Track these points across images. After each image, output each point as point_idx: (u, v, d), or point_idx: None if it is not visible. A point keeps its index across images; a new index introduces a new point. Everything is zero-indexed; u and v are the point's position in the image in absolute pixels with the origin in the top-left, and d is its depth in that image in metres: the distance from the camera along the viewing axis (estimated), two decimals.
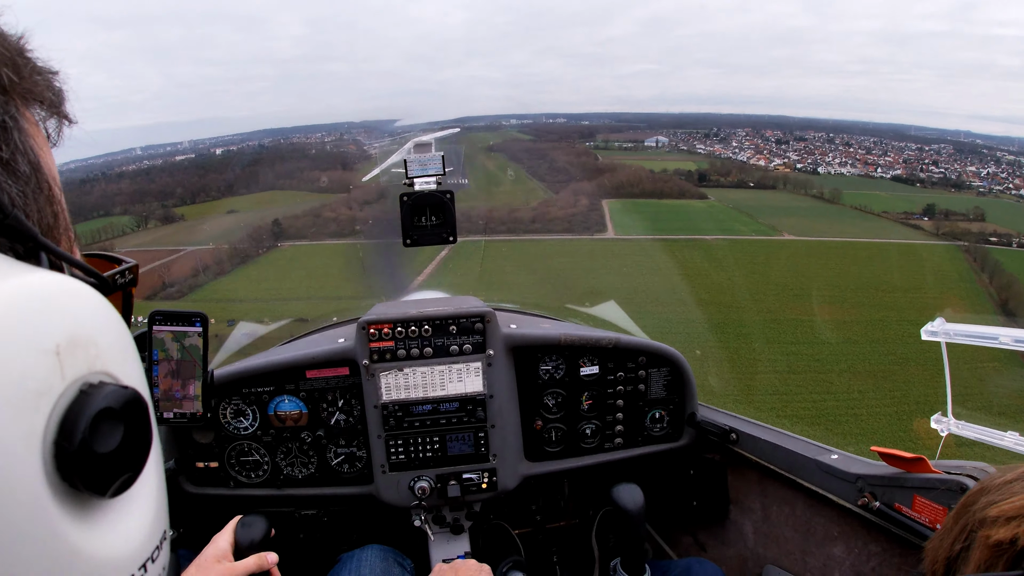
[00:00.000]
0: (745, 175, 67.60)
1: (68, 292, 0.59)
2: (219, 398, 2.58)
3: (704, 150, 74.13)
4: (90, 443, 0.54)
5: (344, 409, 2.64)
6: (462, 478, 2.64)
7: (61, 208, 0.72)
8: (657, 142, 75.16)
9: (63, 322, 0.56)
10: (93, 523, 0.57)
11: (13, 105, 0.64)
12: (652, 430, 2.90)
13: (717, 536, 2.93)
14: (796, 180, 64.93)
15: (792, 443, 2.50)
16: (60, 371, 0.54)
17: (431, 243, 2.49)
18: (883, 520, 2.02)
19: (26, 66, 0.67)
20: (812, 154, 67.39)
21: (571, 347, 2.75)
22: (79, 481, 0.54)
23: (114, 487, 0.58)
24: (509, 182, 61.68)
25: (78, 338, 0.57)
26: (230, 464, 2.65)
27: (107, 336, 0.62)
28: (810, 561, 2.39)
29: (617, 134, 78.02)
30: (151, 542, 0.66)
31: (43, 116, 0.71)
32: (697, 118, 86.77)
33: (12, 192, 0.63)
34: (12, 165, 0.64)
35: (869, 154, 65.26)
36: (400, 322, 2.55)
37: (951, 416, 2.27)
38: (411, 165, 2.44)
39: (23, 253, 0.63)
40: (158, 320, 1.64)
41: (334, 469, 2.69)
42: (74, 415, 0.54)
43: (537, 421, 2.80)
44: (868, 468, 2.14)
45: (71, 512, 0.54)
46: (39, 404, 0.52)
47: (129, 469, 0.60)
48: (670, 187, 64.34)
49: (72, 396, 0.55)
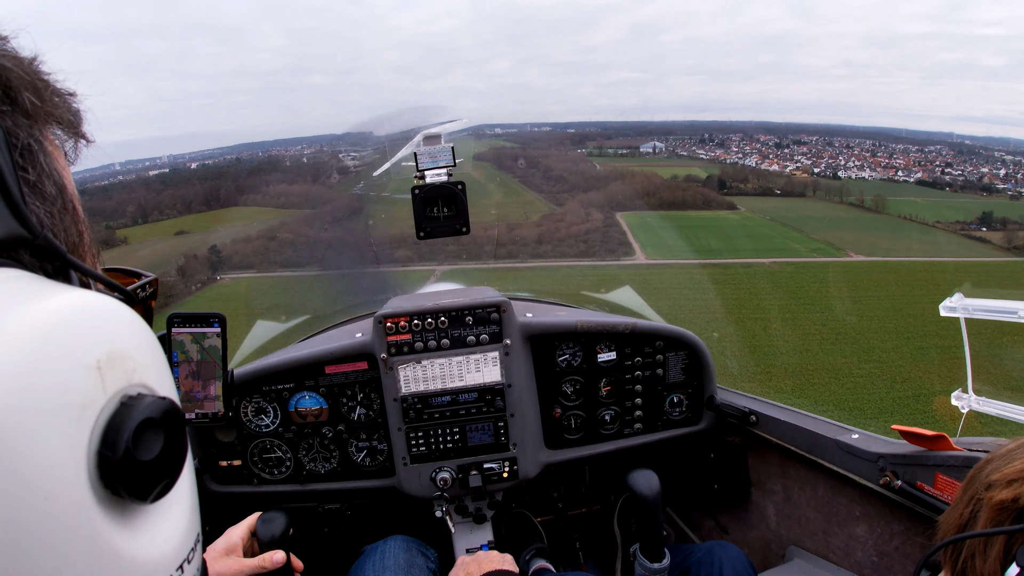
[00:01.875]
0: (765, 181, 63.70)
1: (105, 309, 0.61)
2: (240, 397, 2.61)
3: (706, 155, 71.00)
4: (133, 452, 0.56)
5: (364, 403, 2.67)
6: (483, 468, 2.66)
7: (85, 227, 0.75)
8: (654, 148, 72.62)
9: (102, 338, 0.59)
10: (134, 527, 0.59)
11: (37, 128, 0.67)
12: (671, 414, 2.90)
13: (739, 519, 2.94)
14: (827, 187, 60.55)
15: (812, 424, 2.49)
16: (102, 385, 0.57)
17: (444, 235, 2.49)
18: (905, 499, 2.01)
19: (46, 89, 0.69)
20: (820, 157, 64.91)
21: (588, 334, 2.76)
22: (122, 488, 0.56)
23: (155, 493, 0.61)
24: (501, 194, 55.29)
25: (116, 353, 0.59)
26: (253, 462, 2.68)
27: (142, 350, 0.65)
28: (833, 541, 2.39)
29: (609, 140, 75.08)
30: (187, 544, 0.68)
31: (62, 138, 0.73)
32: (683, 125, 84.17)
33: (40, 213, 0.66)
34: (39, 187, 0.67)
35: (874, 156, 63.04)
36: (416, 315, 2.56)
37: (971, 393, 2.26)
38: (421, 158, 2.44)
39: (52, 271, 0.66)
40: (176, 323, 1.66)
41: (356, 463, 2.72)
42: (116, 426, 0.56)
43: (556, 409, 2.81)
44: (889, 447, 2.13)
45: (113, 517, 0.56)
46: (83, 417, 0.54)
47: (168, 475, 0.63)
48: (692, 196, 58.62)
49: (113, 408, 0.57)
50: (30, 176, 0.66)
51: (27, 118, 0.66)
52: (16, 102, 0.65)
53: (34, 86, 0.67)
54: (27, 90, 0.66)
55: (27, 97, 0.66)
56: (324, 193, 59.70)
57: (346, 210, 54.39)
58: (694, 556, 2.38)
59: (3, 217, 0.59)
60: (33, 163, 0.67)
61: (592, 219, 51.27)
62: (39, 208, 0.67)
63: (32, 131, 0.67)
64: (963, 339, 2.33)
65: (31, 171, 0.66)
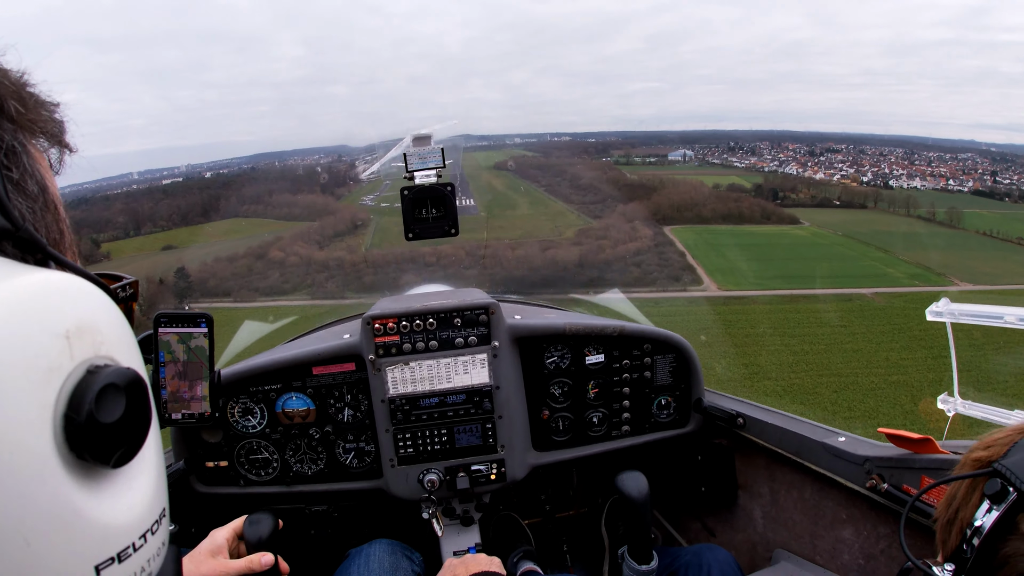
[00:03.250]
0: (818, 191, 58.90)
1: (77, 287, 0.66)
2: (227, 397, 2.59)
3: (741, 163, 67.22)
4: (95, 414, 0.60)
5: (351, 404, 2.65)
6: (471, 470, 2.65)
7: (66, 226, 0.81)
8: (684, 155, 69.49)
9: (73, 311, 0.63)
10: (97, 491, 0.63)
11: (21, 133, 0.72)
12: (659, 417, 2.90)
13: (726, 521, 2.94)
14: (888, 198, 55.46)
15: (799, 427, 2.50)
16: (69, 352, 0.61)
17: (433, 236, 2.48)
18: (891, 501, 2.02)
19: (30, 99, 0.74)
20: (860, 165, 61.27)
21: (576, 336, 2.75)
22: (85, 450, 0.60)
23: (116, 456, 0.64)
24: (527, 204, 51.85)
25: (85, 325, 0.64)
26: (239, 463, 2.66)
27: (110, 327, 0.69)
28: (819, 544, 2.40)
29: (636, 148, 71.27)
30: (151, 515, 0.71)
31: (46, 146, 0.79)
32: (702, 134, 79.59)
33: (23, 208, 0.71)
34: (22, 185, 0.72)
35: (913, 164, 59.46)
36: (405, 316, 2.55)
37: (957, 396, 2.28)
38: (411, 159, 2.44)
39: (33, 263, 0.69)
40: (163, 322, 1.64)
41: (343, 465, 2.71)
42: (81, 391, 0.60)
43: (544, 411, 2.81)
44: (876, 450, 2.14)
45: (76, 478, 0.60)
46: (50, 379, 0.58)
47: (129, 441, 0.66)
48: (747, 208, 53.10)
49: (80, 376, 0.61)
50: (13, 175, 0.71)
51: (12, 123, 0.71)
52: (1, 109, 0.70)
53: (19, 95, 0.72)
54: (12, 98, 0.71)
55: (12, 104, 0.70)
56: (329, 204, 55.31)
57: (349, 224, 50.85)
58: (682, 559, 2.38)
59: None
60: (16, 163, 0.71)
61: (640, 235, 46.04)
62: (21, 204, 0.71)
63: (16, 135, 0.71)
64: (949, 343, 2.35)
65: (14, 170, 0.71)
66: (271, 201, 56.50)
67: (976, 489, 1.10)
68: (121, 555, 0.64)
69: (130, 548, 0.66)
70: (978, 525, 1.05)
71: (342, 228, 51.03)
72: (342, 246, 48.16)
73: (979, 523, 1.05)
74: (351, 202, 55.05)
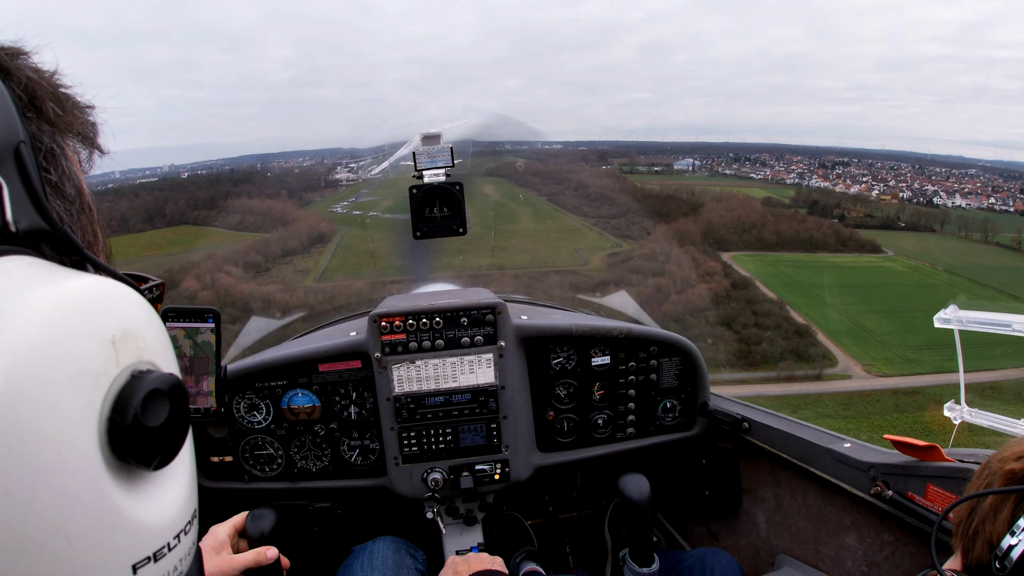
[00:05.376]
0: (867, 209, 52.33)
1: (121, 293, 0.68)
2: (233, 393, 2.60)
3: (756, 175, 62.10)
4: (141, 419, 0.62)
5: (357, 402, 2.66)
6: (475, 469, 2.66)
7: (99, 228, 0.83)
8: (692, 165, 65.66)
9: (118, 317, 0.65)
10: (137, 492, 0.64)
11: (59, 135, 0.74)
12: (664, 420, 2.90)
13: (730, 526, 2.94)
14: (959, 219, 48.34)
15: (805, 432, 2.49)
16: (115, 358, 0.63)
17: (441, 235, 2.49)
18: (896, 509, 2.01)
19: (67, 100, 0.76)
20: (883, 181, 56.39)
21: (582, 337, 2.75)
22: (129, 453, 0.62)
23: (157, 460, 0.66)
24: (530, 217, 43.16)
25: (130, 331, 0.66)
26: (244, 458, 2.67)
27: (152, 332, 0.71)
28: (823, 550, 2.39)
29: (642, 156, 66.72)
30: (184, 516, 0.73)
31: (79, 148, 0.80)
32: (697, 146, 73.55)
33: (60, 210, 0.73)
34: (60, 187, 0.74)
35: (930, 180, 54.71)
36: (411, 314, 2.56)
37: (964, 404, 2.26)
38: (420, 157, 2.44)
39: (70, 265, 0.70)
40: (170, 317, 1.64)
41: (347, 462, 2.71)
42: (126, 395, 0.62)
43: (549, 412, 2.81)
44: (881, 456, 2.13)
45: (118, 480, 0.62)
46: (97, 384, 0.60)
47: (171, 445, 0.68)
48: (816, 231, 43.73)
49: (125, 380, 0.63)
50: (52, 177, 0.73)
51: (50, 125, 0.73)
52: (40, 110, 0.72)
53: (56, 97, 0.74)
54: (50, 100, 0.73)
55: (50, 106, 0.73)
56: (288, 212, 46.37)
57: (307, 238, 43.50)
58: (685, 563, 2.38)
59: (27, 211, 0.66)
60: (55, 166, 0.73)
61: (705, 269, 34.85)
62: (59, 206, 0.73)
63: (55, 137, 0.73)
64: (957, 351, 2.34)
65: (53, 172, 0.73)
66: (225, 206, 49.39)
67: (1007, 502, 1.07)
68: (157, 554, 0.66)
69: (165, 548, 0.67)
70: (1014, 543, 1.01)
71: (295, 244, 43.26)
72: (286, 272, 40.37)
73: (1017, 542, 1.01)
74: (320, 210, 47.82)
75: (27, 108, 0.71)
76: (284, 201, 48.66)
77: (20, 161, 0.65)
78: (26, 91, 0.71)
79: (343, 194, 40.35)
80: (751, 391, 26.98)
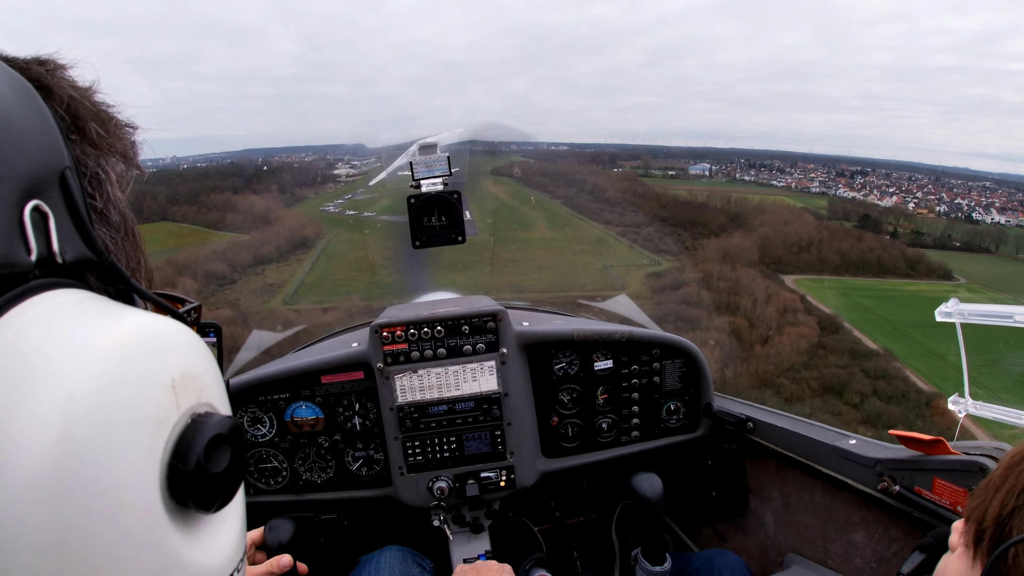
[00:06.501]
0: (918, 225, 47.31)
1: (177, 333, 0.66)
2: (236, 407, 2.60)
3: (778, 182, 58.41)
4: (205, 465, 0.61)
5: (360, 413, 2.66)
6: (480, 477, 2.65)
7: (142, 254, 0.80)
8: (710, 170, 63.11)
9: (177, 359, 0.63)
10: (195, 535, 0.63)
11: (102, 158, 0.71)
12: (668, 422, 2.89)
13: (737, 526, 2.93)
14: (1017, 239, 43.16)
15: (809, 430, 2.49)
16: (176, 402, 0.61)
17: (440, 243, 2.49)
18: (903, 504, 2.01)
19: (110, 120, 0.73)
20: (910, 193, 52.12)
21: (584, 342, 2.76)
22: (190, 498, 0.61)
23: (217, 504, 0.65)
24: (545, 223, 37.41)
25: (188, 373, 0.64)
26: (249, 472, 2.67)
27: (208, 372, 0.69)
28: (831, 548, 2.38)
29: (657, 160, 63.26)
30: (238, 554, 0.72)
31: (120, 169, 0.76)
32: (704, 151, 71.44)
33: (106, 238, 0.71)
34: (106, 214, 0.71)
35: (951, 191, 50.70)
36: (413, 324, 2.56)
37: (968, 397, 2.26)
38: (417, 167, 2.45)
39: (115, 294, 0.69)
40: None
41: (352, 473, 2.71)
42: (187, 440, 0.61)
43: (553, 417, 2.81)
44: (886, 452, 2.13)
45: (178, 525, 0.60)
46: (159, 431, 0.59)
47: (230, 488, 0.67)
48: (880, 253, 37.35)
49: (184, 424, 0.62)
50: (98, 204, 0.70)
51: (94, 148, 0.70)
52: (84, 132, 0.69)
53: (99, 116, 0.71)
54: (93, 120, 0.69)
55: (93, 127, 0.69)
56: (272, 210, 41.79)
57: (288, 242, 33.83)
58: (693, 564, 2.37)
59: (74, 240, 0.63)
60: (100, 191, 0.70)
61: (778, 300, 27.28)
62: (105, 234, 0.71)
63: (99, 160, 0.70)
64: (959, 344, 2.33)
65: (99, 199, 0.70)
66: (207, 202, 44.70)
67: None
68: None
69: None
70: None
71: (270, 250, 37.70)
72: (252, 287, 34.80)
73: None
74: (309, 208, 43.47)
75: (70, 130, 0.68)
76: (270, 198, 44.62)
77: (66, 188, 0.63)
78: (68, 111, 0.68)
79: (340, 191, 37.11)
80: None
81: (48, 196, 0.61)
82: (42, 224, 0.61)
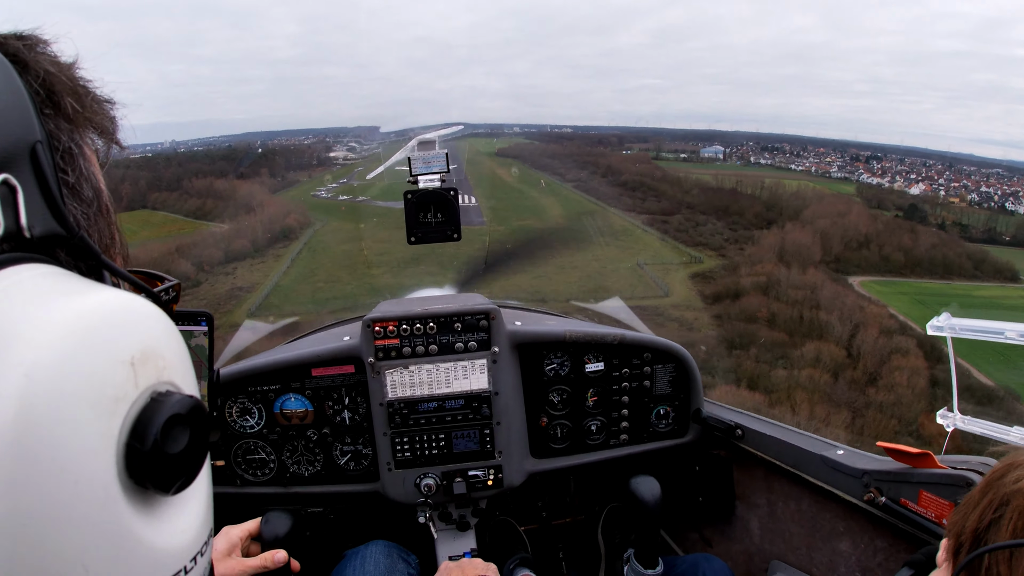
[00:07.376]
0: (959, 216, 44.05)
1: (140, 309, 0.64)
2: (225, 397, 2.58)
3: (796, 167, 54.70)
4: (162, 446, 0.59)
5: (350, 407, 2.65)
6: (468, 475, 2.65)
7: (116, 230, 0.81)
8: (724, 154, 60.24)
9: (137, 336, 0.62)
10: (154, 517, 0.62)
11: (77, 133, 0.71)
12: (657, 426, 2.90)
13: (723, 532, 2.93)
14: None
15: (798, 439, 2.49)
16: (135, 380, 0.60)
17: (436, 240, 2.48)
18: (889, 515, 2.02)
19: (87, 95, 0.73)
20: (931, 180, 49.17)
21: (576, 344, 2.75)
22: (148, 479, 0.60)
23: (176, 485, 0.64)
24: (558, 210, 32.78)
25: (149, 351, 0.62)
26: (236, 462, 2.66)
27: (171, 350, 0.68)
28: (816, 556, 2.39)
29: (669, 143, 60.64)
30: (201, 538, 0.71)
31: (97, 143, 0.77)
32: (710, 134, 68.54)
33: (77, 214, 0.70)
34: (78, 189, 0.71)
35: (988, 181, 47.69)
36: (405, 320, 2.55)
37: (956, 411, 2.27)
38: (415, 163, 2.44)
39: (86, 270, 0.69)
40: None
41: (340, 467, 2.70)
42: (146, 419, 0.60)
43: (542, 418, 2.80)
44: (874, 463, 2.14)
45: (135, 505, 0.59)
46: (116, 408, 0.57)
47: (191, 470, 0.66)
48: (945, 252, 33.28)
49: (144, 403, 0.61)
50: (69, 178, 0.70)
51: (68, 122, 0.70)
52: (59, 106, 0.69)
53: (75, 91, 0.71)
54: (69, 95, 0.69)
55: (69, 102, 0.69)
56: (255, 195, 38.77)
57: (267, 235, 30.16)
58: (678, 568, 2.38)
59: (43, 216, 0.63)
60: (73, 166, 0.70)
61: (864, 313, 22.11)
62: (76, 209, 0.70)
63: (73, 135, 0.70)
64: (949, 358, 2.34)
65: (71, 173, 0.70)
66: (190, 188, 41.80)
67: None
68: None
69: (182, 571, 0.66)
70: None
71: (244, 245, 34.02)
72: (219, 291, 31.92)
73: None
74: (298, 194, 40.58)
75: (44, 104, 0.67)
76: (257, 183, 41.83)
77: (36, 162, 0.62)
78: (44, 85, 0.68)
79: (336, 174, 35.34)
80: None
81: (17, 170, 0.61)
82: (10, 198, 0.60)
